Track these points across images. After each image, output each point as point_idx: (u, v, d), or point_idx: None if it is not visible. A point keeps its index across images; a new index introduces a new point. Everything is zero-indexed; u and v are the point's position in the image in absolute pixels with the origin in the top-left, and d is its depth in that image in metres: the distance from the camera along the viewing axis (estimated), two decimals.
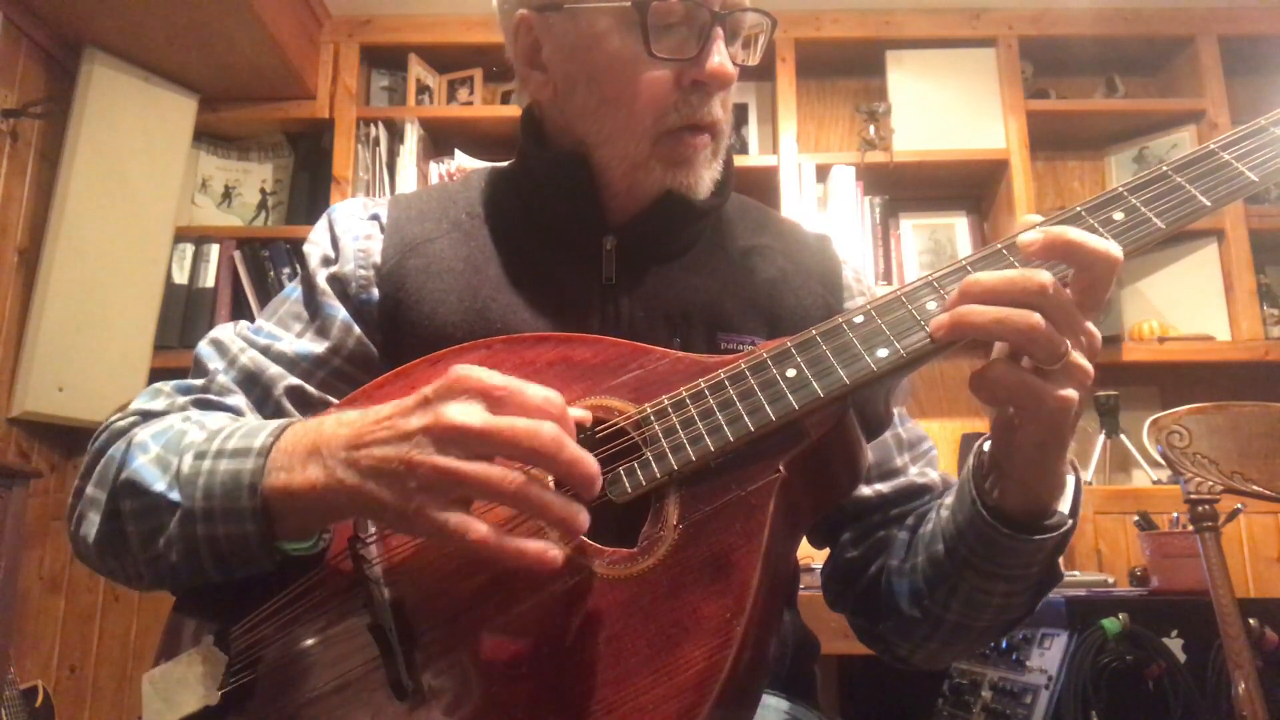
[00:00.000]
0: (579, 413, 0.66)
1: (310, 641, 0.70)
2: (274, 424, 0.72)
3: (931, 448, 0.96)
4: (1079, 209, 0.68)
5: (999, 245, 0.69)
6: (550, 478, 0.64)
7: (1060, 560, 0.77)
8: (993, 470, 0.73)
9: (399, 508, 0.61)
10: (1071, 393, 0.64)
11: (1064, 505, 0.73)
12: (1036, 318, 0.61)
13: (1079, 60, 3.01)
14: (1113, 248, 0.63)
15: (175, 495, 0.70)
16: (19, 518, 2.14)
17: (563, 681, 0.62)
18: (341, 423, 0.66)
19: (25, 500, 2.18)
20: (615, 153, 0.87)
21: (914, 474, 0.93)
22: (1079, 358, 0.64)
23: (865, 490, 0.90)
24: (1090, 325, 0.65)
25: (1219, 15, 2.88)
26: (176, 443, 0.74)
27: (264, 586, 0.72)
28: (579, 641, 0.63)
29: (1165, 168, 0.68)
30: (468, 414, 0.60)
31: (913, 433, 0.96)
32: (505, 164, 1.02)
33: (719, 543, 0.65)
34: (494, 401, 0.61)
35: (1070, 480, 0.73)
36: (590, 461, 0.61)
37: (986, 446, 0.74)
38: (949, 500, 0.80)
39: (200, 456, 0.71)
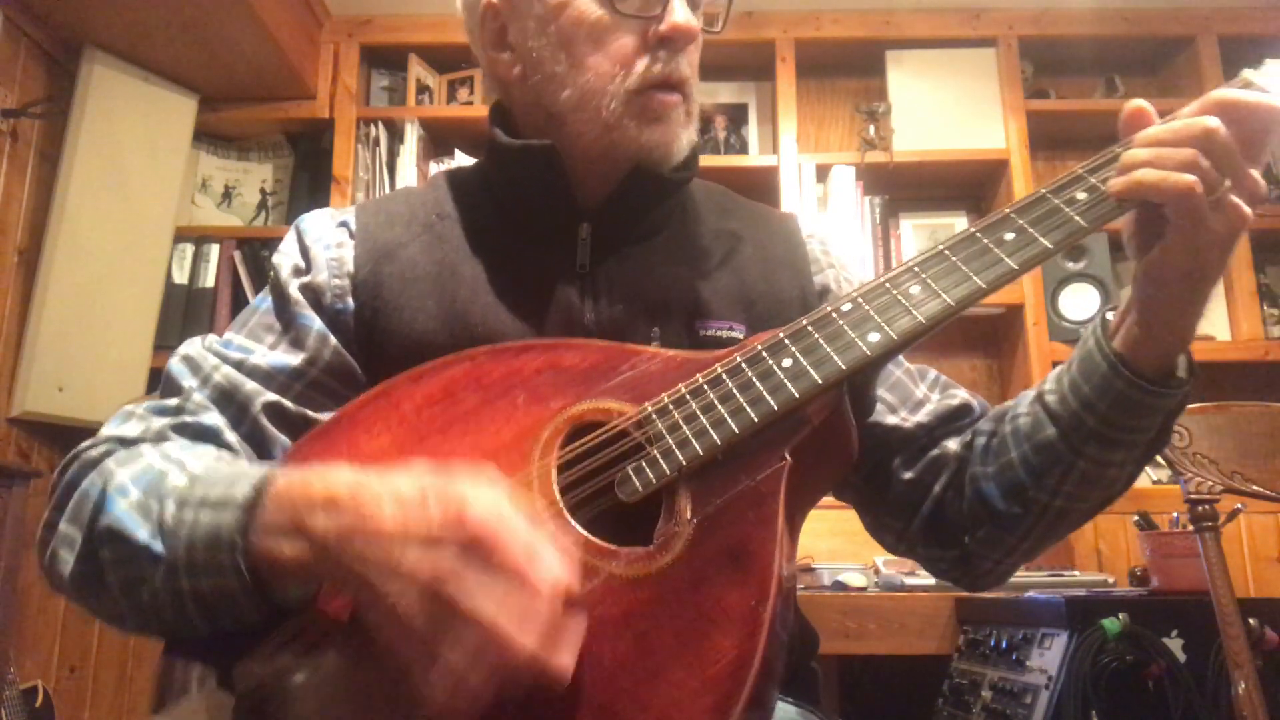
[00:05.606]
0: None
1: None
2: (255, 474, 0.67)
3: (940, 374, 0.98)
4: (1080, 170, 0.75)
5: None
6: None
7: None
8: (1123, 326, 0.76)
9: (374, 616, 0.59)
10: (1224, 224, 0.69)
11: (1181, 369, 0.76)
12: (1193, 153, 0.67)
13: (1079, 60, 3.01)
14: (1271, 98, 0.70)
15: (158, 546, 0.67)
16: (19, 518, 2.15)
17: (594, 684, 0.61)
18: (330, 505, 0.61)
19: (25, 500, 2.18)
20: (587, 117, 0.87)
21: (940, 399, 0.94)
22: (1236, 199, 0.69)
23: (904, 425, 0.92)
24: (1254, 173, 0.70)
25: (1219, 15, 2.88)
26: (158, 486, 0.70)
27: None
28: (606, 644, 0.62)
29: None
30: (471, 593, 0.56)
31: (917, 367, 0.98)
32: (470, 164, 1.02)
33: (735, 532, 0.65)
34: (500, 575, 0.56)
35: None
36: (563, 673, 0.57)
37: (1110, 315, 0.77)
38: (1050, 386, 0.82)
39: (182, 505, 0.67)
